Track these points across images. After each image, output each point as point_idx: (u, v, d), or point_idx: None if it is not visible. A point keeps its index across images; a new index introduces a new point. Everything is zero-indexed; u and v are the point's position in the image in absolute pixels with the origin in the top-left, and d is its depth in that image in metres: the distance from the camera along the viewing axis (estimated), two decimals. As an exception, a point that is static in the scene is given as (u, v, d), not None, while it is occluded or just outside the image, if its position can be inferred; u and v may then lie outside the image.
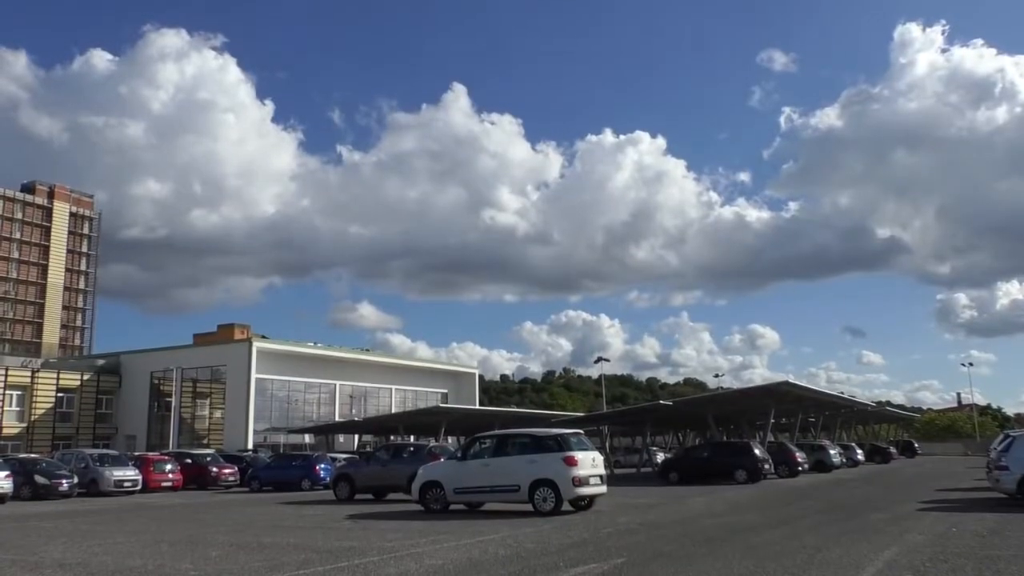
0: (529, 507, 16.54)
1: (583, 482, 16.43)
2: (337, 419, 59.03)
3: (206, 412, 60.52)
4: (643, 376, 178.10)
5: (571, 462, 16.32)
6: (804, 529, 13.55)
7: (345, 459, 30.92)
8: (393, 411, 61.07)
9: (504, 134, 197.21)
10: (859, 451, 47.18)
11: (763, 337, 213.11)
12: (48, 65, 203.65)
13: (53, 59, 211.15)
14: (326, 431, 54.85)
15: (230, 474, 34.03)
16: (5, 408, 51.92)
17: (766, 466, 29.83)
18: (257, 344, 56.76)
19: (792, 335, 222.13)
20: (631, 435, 59.32)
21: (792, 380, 36.88)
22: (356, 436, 58.22)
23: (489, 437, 18.91)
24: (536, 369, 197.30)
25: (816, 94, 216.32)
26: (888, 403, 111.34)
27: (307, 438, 57.07)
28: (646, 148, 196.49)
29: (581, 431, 19.39)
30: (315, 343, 66.70)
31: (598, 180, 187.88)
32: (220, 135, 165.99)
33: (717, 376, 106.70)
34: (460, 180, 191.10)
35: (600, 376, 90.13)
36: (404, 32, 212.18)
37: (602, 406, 77.72)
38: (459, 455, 18.67)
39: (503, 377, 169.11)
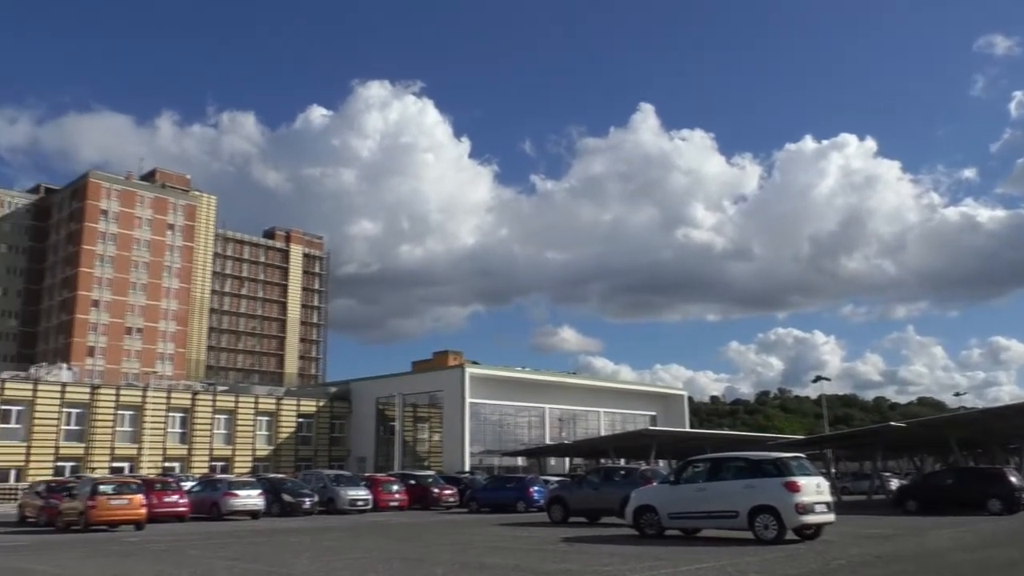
0: (748, 535, 15.78)
1: (807, 509, 15.41)
2: (547, 442, 59.96)
3: (426, 435, 64.00)
4: (868, 396, 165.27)
5: (793, 487, 15.38)
6: (1080, 569, 11.79)
7: (557, 482, 31.26)
8: (602, 434, 61.04)
9: (696, 149, 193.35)
10: None
11: (1008, 350, 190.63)
12: (273, 124, 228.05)
13: (277, 118, 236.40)
14: (537, 454, 55.88)
15: (450, 495, 35.46)
16: (256, 432, 58.05)
17: (1025, 495, 26.36)
18: (469, 370, 59.21)
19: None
20: (858, 459, 54.99)
21: (1052, 397, 32.37)
22: (567, 459, 58.81)
23: (703, 461, 18.34)
24: (746, 390, 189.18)
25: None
26: None
27: (520, 460, 58.43)
28: (853, 151, 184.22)
29: (802, 455, 18.25)
30: (523, 367, 68.44)
31: (800, 189, 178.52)
32: (422, 174, 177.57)
33: (957, 395, 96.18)
34: (653, 199, 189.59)
35: (820, 396, 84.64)
36: (588, 58, 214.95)
37: (823, 428, 72.90)
38: (672, 479, 18.25)
39: (713, 399, 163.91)
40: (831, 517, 16.11)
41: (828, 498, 16.26)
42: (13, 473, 47.08)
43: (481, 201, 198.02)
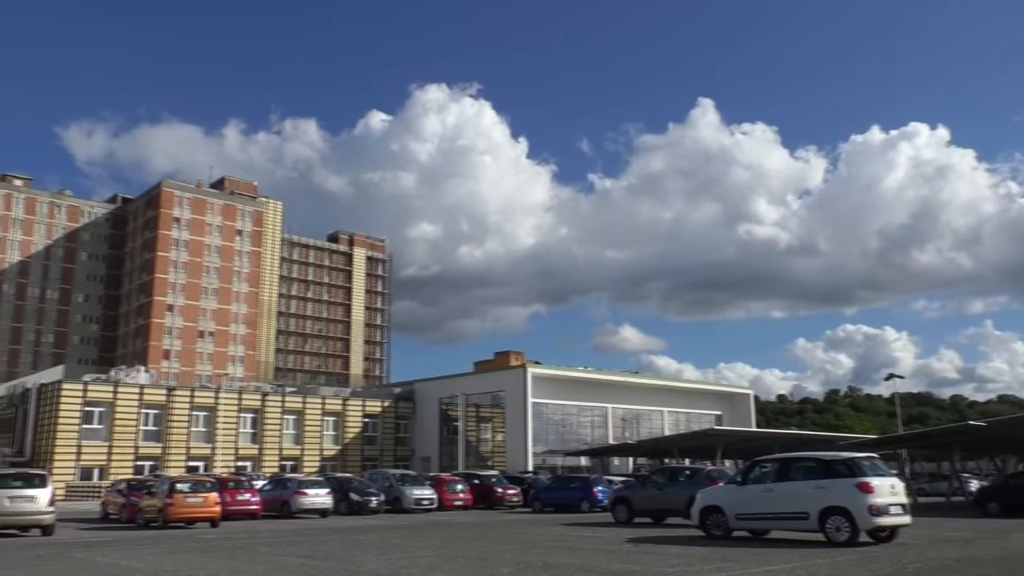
0: (819, 537, 15.42)
1: (882, 511, 14.99)
2: (611, 442, 59.61)
3: (489, 435, 64.32)
4: (943, 393, 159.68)
5: (866, 488, 14.98)
6: None
7: (622, 482, 31.03)
8: (666, 434, 60.39)
9: (758, 143, 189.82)
10: None
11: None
12: (335, 130, 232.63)
13: (338, 124, 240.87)
14: (601, 454, 55.61)
15: (514, 495, 35.51)
16: (324, 432, 59.28)
17: (1117, 498, 25.07)
18: (531, 370, 59.27)
19: None
20: (935, 460, 53.12)
21: None
22: (630, 459, 58.36)
23: (771, 461, 18.02)
24: (814, 388, 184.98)
25: None
26: None
27: (583, 460, 58.23)
28: (924, 141, 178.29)
29: (875, 455, 17.75)
30: (585, 367, 68.17)
31: (867, 182, 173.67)
32: (481, 176, 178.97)
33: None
34: (713, 195, 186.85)
35: (893, 394, 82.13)
36: (644, 54, 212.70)
37: (897, 427, 70.61)
38: (739, 479, 17.96)
39: (780, 397, 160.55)
40: (906, 519, 15.64)
41: (903, 500, 15.78)
42: (96, 471, 49.17)
43: (539, 201, 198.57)
